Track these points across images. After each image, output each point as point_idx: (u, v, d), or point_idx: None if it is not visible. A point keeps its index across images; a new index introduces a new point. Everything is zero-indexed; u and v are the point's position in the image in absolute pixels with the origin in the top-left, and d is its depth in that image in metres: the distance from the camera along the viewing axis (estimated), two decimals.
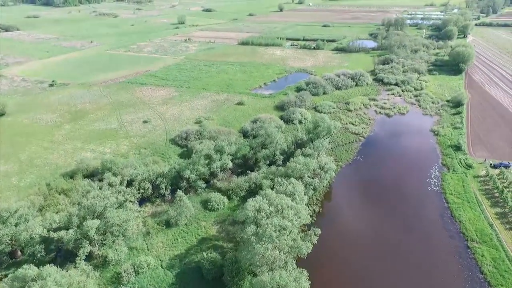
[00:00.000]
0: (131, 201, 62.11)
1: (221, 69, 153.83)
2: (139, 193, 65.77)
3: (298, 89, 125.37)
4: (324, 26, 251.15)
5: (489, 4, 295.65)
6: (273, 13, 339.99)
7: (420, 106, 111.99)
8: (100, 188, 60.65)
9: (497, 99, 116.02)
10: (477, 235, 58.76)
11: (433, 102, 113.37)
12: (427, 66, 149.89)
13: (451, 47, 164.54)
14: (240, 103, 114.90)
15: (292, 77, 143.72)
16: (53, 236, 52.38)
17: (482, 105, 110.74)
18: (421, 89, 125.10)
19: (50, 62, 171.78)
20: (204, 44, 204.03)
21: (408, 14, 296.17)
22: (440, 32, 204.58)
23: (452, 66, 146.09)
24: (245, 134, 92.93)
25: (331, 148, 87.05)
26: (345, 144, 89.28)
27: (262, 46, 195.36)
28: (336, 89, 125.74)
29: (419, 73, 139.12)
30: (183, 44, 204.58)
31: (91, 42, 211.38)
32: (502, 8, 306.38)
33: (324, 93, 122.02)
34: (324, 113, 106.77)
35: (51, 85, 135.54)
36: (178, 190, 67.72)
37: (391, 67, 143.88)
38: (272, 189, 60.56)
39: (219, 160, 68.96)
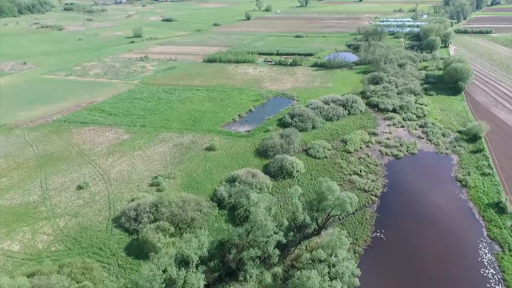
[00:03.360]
0: None
1: (184, 96, 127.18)
2: None
3: (282, 123, 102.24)
4: (297, 36, 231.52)
5: (458, 10, 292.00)
6: (239, 22, 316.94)
7: (430, 141, 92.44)
8: None
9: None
10: None
11: (443, 135, 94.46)
12: (420, 84, 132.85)
13: (441, 59, 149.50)
14: (210, 148, 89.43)
15: (271, 104, 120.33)
16: None
17: (500, 136, 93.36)
18: (424, 116, 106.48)
19: None
20: (163, 62, 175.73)
21: (381, 21, 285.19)
22: (421, 42, 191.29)
23: (448, 83, 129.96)
24: (220, 202, 67.84)
25: (339, 218, 64.33)
26: (356, 210, 66.64)
27: (232, 63, 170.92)
28: (326, 120, 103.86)
29: (415, 95, 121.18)
30: (138, 63, 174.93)
31: (24, 63, 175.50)
32: (469, 14, 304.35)
33: (314, 127, 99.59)
34: (319, 158, 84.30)
35: None
36: None
37: (384, 87, 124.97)
38: None
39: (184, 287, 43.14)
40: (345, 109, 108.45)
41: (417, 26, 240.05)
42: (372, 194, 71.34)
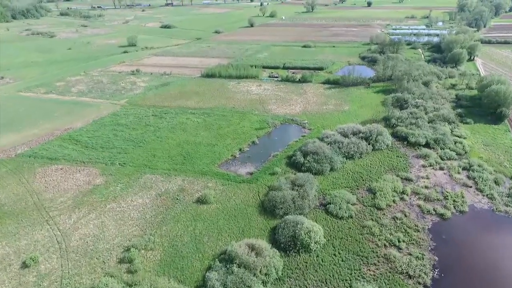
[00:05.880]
0: None
1: (176, 122, 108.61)
2: None
3: (292, 162, 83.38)
4: (305, 46, 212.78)
5: (476, 17, 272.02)
6: (242, 30, 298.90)
7: (481, 191, 72.76)
8: None
9: None
10: None
11: (496, 182, 74.86)
12: (451, 107, 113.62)
13: (472, 75, 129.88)
14: (202, 200, 70.55)
15: (278, 133, 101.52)
16: None
17: None
18: (465, 153, 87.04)
19: None
20: (156, 77, 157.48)
21: (393, 29, 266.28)
22: (443, 55, 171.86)
23: (485, 107, 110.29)
24: None
25: None
26: None
27: (233, 78, 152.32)
28: (346, 158, 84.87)
29: (449, 123, 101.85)
30: (128, 78, 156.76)
31: (2, 78, 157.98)
32: (488, 21, 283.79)
33: (332, 169, 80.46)
34: (342, 217, 65.20)
35: None
36: None
37: (411, 113, 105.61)
38: None
39: None
40: (369, 144, 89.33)
41: (437, 35, 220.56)
42: (419, 283, 52.05)
